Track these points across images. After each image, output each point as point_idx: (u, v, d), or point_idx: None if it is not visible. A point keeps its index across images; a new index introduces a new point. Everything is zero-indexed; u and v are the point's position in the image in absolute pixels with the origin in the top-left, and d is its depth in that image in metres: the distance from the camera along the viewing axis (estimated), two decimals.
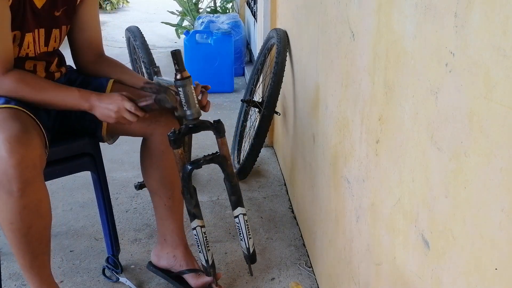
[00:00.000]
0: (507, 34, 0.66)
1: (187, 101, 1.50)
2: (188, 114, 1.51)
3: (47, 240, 1.48)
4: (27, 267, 1.47)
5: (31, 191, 1.36)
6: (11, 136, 1.32)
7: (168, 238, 1.78)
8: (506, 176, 0.68)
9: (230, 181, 1.60)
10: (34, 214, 1.39)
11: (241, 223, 1.63)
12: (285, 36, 2.38)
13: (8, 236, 1.41)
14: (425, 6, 0.90)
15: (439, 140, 0.86)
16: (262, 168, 2.68)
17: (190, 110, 1.51)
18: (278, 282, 1.83)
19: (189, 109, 1.51)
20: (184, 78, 1.49)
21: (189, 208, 1.59)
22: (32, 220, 1.40)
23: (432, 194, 0.90)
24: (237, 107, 2.99)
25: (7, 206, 1.35)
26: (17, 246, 1.43)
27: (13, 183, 1.32)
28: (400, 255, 1.06)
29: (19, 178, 1.32)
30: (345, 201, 1.43)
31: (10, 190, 1.33)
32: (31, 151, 1.34)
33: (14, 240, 1.41)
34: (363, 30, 1.24)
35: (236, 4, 5.08)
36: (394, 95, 1.06)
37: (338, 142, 1.49)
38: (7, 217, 1.37)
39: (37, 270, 1.48)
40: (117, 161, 2.63)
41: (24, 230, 1.39)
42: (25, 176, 1.33)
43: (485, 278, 0.74)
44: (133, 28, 2.63)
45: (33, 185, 1.36)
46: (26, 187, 1.34)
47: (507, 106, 0.67)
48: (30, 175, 1.34)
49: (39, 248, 1.46)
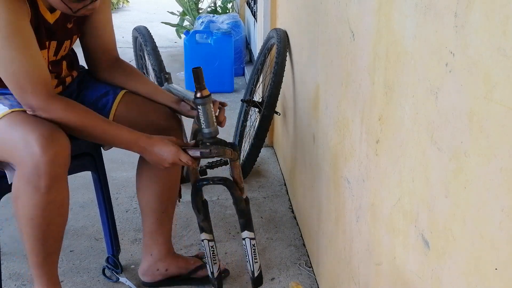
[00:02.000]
0: (507, 34, 0.66)
1: (206, 119, 1.51)
2: (205, 132, 1.52)
3: (61, 239, 1.50)
4: (38, 265, 1.47)
5: (57, 188, 1.38)
6: (45, 133, 1.34)
7: (155, 252, 1.76)
8: (506, 176, 0.68)
9: (237, 205, 1.59)
10: (55, 211, 1.41)
11: (248, 247, 1.62)
12: (285, 36, 2.38)
13: (25, 231, 1.42)
14: (425, 6, 0.90)
15: (439, 140, 0.86)
16: (262, 168, 2.68)
17: (209, 129, 1.51)
18: (278, 282, 1.83)
19: (207, 127, 1.51)
20: (204, 97, 1.49)
21: (198, 221, 1.61)
22: (52, 218, 1.41)
23: (432, 194, 0.90)
24: (237, 107, 2.99)
25: (31, 201, 1.37)
26: (33, 242, 1.43)
27: (42, 179, 1.34)
28: (400, 255, 1.06)
29: (49, 174, 1.34)
30: (345, 201, 1.43)
31: (38, 185, 1.34)
32: (63, 149, 1.37)
33: (31, 236, 1.42)
34: (363, 30, 1.24)
35: (236, 4, 5.08)
36: (394, 95, 1.06)
37: (338, 142, 1.49)
38: (29, 212, 1.38)
39: (47, 268, 1.49)
40: (117, 161, 2.63)
41: (43, 226, 1.41)
42: (54, 173, 1.35)
43: (485, 278, 0.74)
44: (142, 30, 2.63)
45: (60, 183, 1.39)
46: (53, 184, 1.36)
47: (507, 106, 0.67)
48: (58, 173, 1.37)
49: (53, 246, 1.48)
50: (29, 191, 1.35)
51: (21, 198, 1.37)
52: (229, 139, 2.85)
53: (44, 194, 1.36)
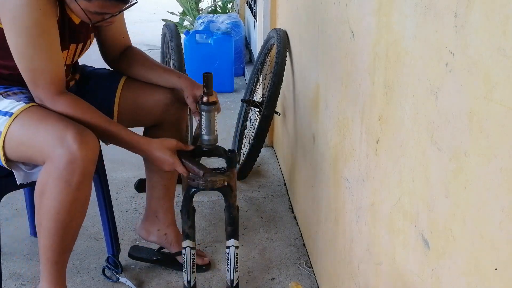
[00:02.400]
0: (507, 34, 0.66)
1: (207, 126, 1.51)
2: (205, 139, 1.53)
3: (76, 237, 1.51)
4: (52, 262, 1.48)
5: (85, 185, 1.41)
6: (79, 131, 1.37)
7: (161, 215, 1.82)
8: (506, 176, 0.68)
9: (230, 212, 1.57)
10: (79, 209, 1.44)
11: (231, 255, 1.59)
12: (285, 36, 2.38)
13: (47, 226, 1.42)
14: (425, 6, 0.90)
15: (439, 140, 0.86)
16: (262, 168, 2.68)
17: (208, 136, 1.52)
18: (278, 282, 1.83)
19: (207, 134, 1.52)
20: (210, 103, 1.50)
21: (184, 227, 1.57)
22: (75, 214, 1.43)
23: (432, 194, 0.90)
24: (237, 107, 2.99)
25: (59, 196, 1.38)
26: (53, 238, 1.44)
27: (75, 174, 1.36)
28: (400, 255, 1.06)
29: (82, 171, 1.36)
30: (345, 201, 1.43)
31: (70, 181, 1.36)
32: (95, 147, 1.41)
33: (52, 231, 1.42)
34: (363, 30, 1.24)
35: (236, 4, 5.09)
36: (394, 95, 1.06)
37: (338, 142, 1.49)
38: (55, 207, 1.39)
39: (59, 266, 1.50)
40: (117, 161, 2.63)
41: (66, 222, 1.42)
42: (87, 170, 1.38)
43: (485, 278, 0.74)
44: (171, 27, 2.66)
45: (89, 180, 1.42)
46: (84, 181, 1.39)
47: (507, 106, 0.67)
48: (90, 170, 1.40)
49: (70, 244, 1.50)
50: (59, 186, 1.37)
51: (48, 193, 1.38)
52: (229, 139, 2.86)
53: (74, 190, 1.38)
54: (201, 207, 2.27)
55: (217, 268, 1.89)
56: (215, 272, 1.87)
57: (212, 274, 1.86)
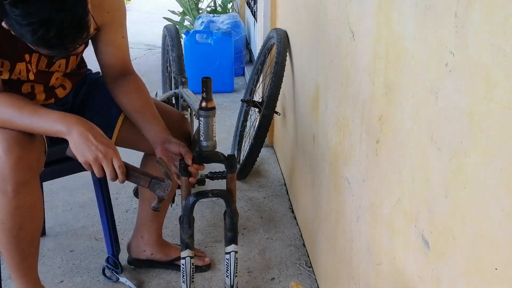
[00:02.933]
0: (507, 34, 0.66)
1: (205, 132, 1.49)
2: (203, 145, 1.50)
3: (36, 242, 1.49)
4: (14, 268, 1.47)
5: (25, 193, 1.36)
6: (10, 136, 1.31)
7: (146, 236, 1.85)
8: (506, 176, 0.68)
9: (231, 218, 1.54)
10: (26, 216, 1.39)
11: (231, 261, 1.57)
12: (285, 36, 2.38)
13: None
14: (425, 6, 0.90)
15: (439, 140, 0.86)
16: (262, 168, 2.68)
17: (207, 142, 1.50)
18: (278, 282, 1.83)
19: (205, 140, 1.49)
20: (209, 109, 1.47)
21: (184, 237, 1.54)
22: (23, 222, 1.40)
23: (432, 194, 0.90)
24: (237, 107, 2.99)
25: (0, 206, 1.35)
26: (6, 246, 1.43)
27: (8, 183, 1.32)
28: (400, 255, 1.06)
29: (14, 179, 1.32)
30: (345, 201, 1.43)
31: (4, 190, 1.33)
32: (29, 153, 1.34)
33: (3, 240, 1.41)
34: (363, 30, 1.24)
35: (236, 4, 5.09)
36: (394, 95, 1.06)
37: (338, 142, 1.49)
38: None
39: (24, 271, 1.49)
40: None
41: (14, 231, 1.39)
42: (20, 178, 1.33)
43: (485, 278, 0.74)
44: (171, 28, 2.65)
45: (28, 187, 1.36)
46: (20, 188, 1.34)
47: (507, 106, 0.67)
48: (25, 177, 1.34)
49: (28, 250, 1.47)
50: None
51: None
52: (229, 139, 2.86)
53: (11, 199, 1.34)
54: (201, 207, 2.27)
55: (217, 268, 1.89)
56: (215, 272, 1.87)
57: (212, 274, 1.86)
